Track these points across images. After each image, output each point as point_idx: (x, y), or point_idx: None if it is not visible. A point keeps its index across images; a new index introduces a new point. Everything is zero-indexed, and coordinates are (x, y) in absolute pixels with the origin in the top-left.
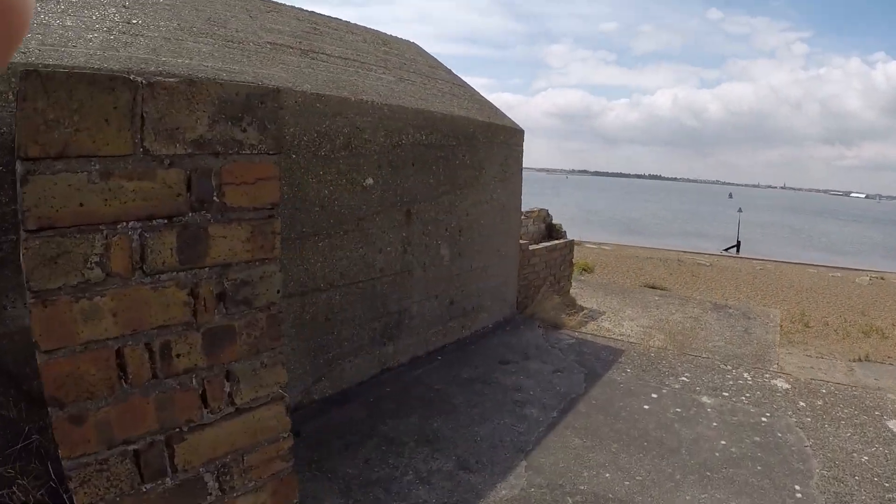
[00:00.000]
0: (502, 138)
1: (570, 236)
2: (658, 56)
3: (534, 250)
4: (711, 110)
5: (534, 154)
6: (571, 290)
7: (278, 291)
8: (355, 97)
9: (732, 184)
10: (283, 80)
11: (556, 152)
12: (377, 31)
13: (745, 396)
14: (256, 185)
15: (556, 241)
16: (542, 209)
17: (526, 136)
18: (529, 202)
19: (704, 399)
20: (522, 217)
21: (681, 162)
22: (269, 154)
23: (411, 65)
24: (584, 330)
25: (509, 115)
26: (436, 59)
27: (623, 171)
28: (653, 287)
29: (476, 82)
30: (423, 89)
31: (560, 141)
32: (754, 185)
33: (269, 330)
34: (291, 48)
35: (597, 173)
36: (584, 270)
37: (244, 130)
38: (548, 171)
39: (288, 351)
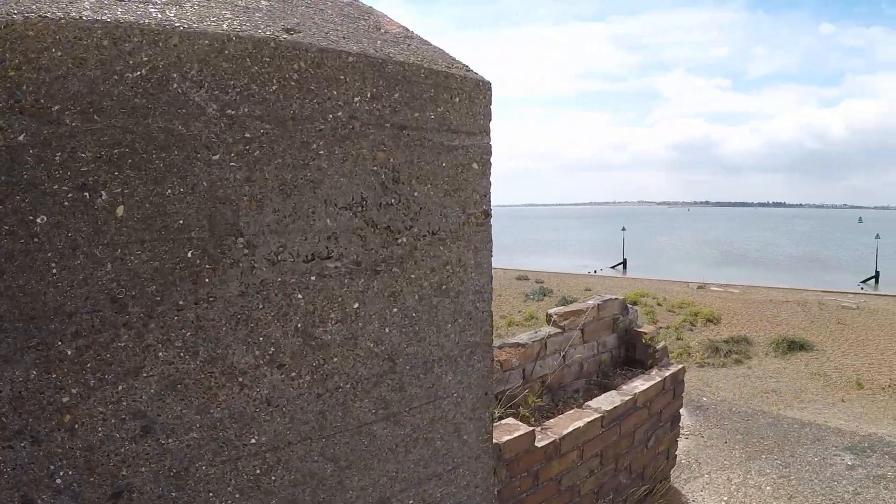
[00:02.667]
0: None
1: (692, 277)
2: (774, 78)
3: (554, 443)
4: (834, 131)
5: (653, 188)
6: (682, 421)
7: None
8: None
9: (862, 207)
10: None
11: (677, 185)
12: None
13: None
14: None
15: (641, 385)
16: (608, 300)
17: (645, 170)
18: (643, 237)
19: None
20: (515, 344)
21: (805, 187)
22: None
23: None
24: None
25: (625, 152)
26: None
27: (746, 201)
28: (794, 344)
29: (595, 117)
30: None
31: (680, 173)
32: (885, 208)
33: None
34: None
35: (718, 204)
36: (710, 321)
37: None
38: (668, 204)
39: None
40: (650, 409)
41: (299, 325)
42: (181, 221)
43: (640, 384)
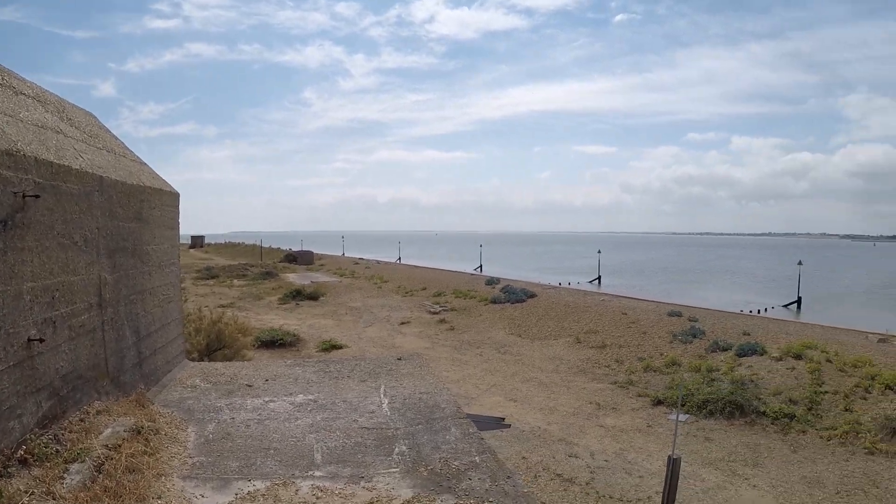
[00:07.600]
0: None
1: (874, 324)
2: None
3: None
4: None
5: (834, 219)
6: None
7: None
8: None
9: None
10: None
11: (862, 217)
12: None
13: None
14: None
15: None
16: None
17: (826, 200)
18: (822, 274)
19: None
20: None
21: None
22: None
23: None
24: None
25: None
26: None
27: None
28: None
29: (770, 143)
30: None
31: (865, 204)
32: None
33: None
34: None
35: None
36: (890, 388)
37: None
38: (852, 237)
39: None
40: None
41: None
42: None
43: None
